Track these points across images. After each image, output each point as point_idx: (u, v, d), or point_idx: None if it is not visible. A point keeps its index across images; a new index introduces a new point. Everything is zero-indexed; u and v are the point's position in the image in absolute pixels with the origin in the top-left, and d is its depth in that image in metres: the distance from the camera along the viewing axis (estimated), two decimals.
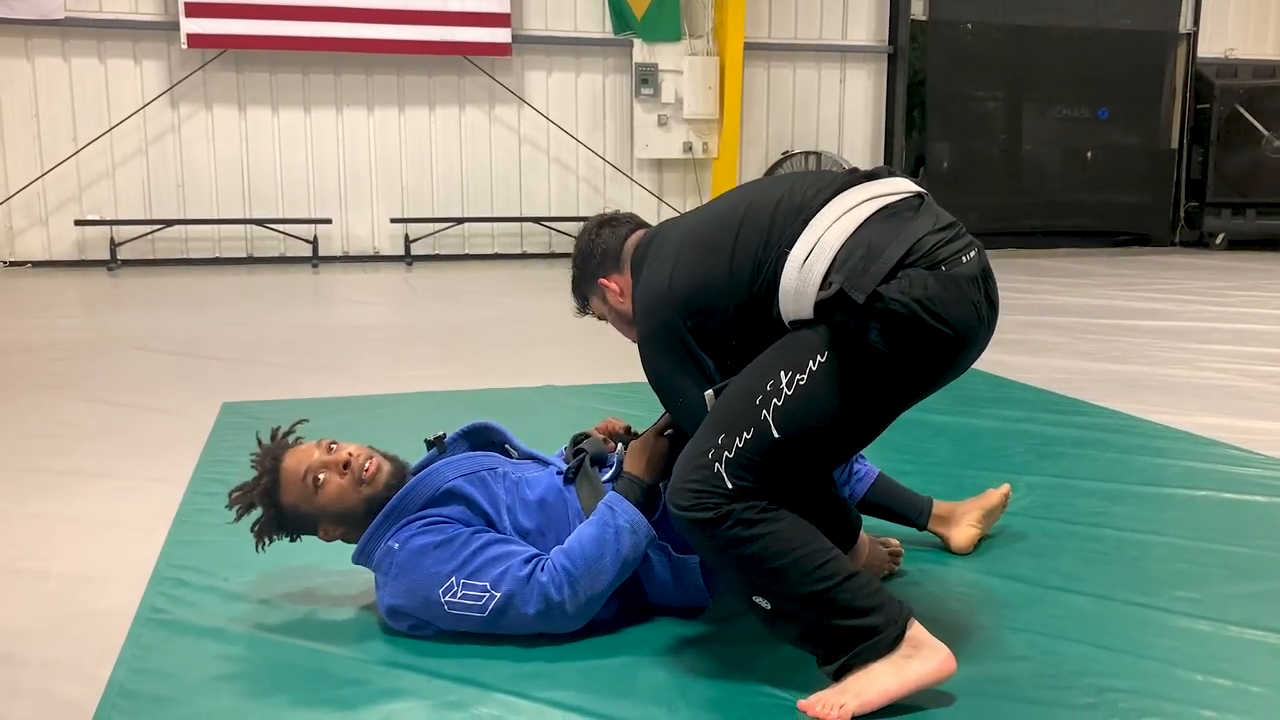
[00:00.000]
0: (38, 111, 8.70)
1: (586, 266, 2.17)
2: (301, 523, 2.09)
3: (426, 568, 1.95)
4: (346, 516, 2.06)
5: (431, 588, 1.94)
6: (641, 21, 9.64)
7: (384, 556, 2.00)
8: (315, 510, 2.06)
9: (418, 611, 1.97)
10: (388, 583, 1.99)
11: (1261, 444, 3.39)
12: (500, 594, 1.92)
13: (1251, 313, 6.45)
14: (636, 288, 2.05)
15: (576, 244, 2.21)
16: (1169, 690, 1.82)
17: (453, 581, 1.93)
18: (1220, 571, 2.35)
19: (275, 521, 2.07)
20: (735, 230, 1.92)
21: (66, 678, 1.90)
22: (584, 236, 2.19)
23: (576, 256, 2.20)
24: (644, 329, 1.99)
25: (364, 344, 5.46)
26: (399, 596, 1.97)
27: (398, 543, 1.99)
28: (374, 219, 9.55)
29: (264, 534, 2.09)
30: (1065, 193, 11.11)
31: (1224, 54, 11.31)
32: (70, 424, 3.71)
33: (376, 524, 2.03)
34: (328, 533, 2.09)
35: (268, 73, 9.12)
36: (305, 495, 2.04)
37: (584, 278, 2.19)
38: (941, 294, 1.75)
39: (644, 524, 1.98)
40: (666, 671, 1.87)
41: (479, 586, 1.93)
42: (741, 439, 1.77)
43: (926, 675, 1.74)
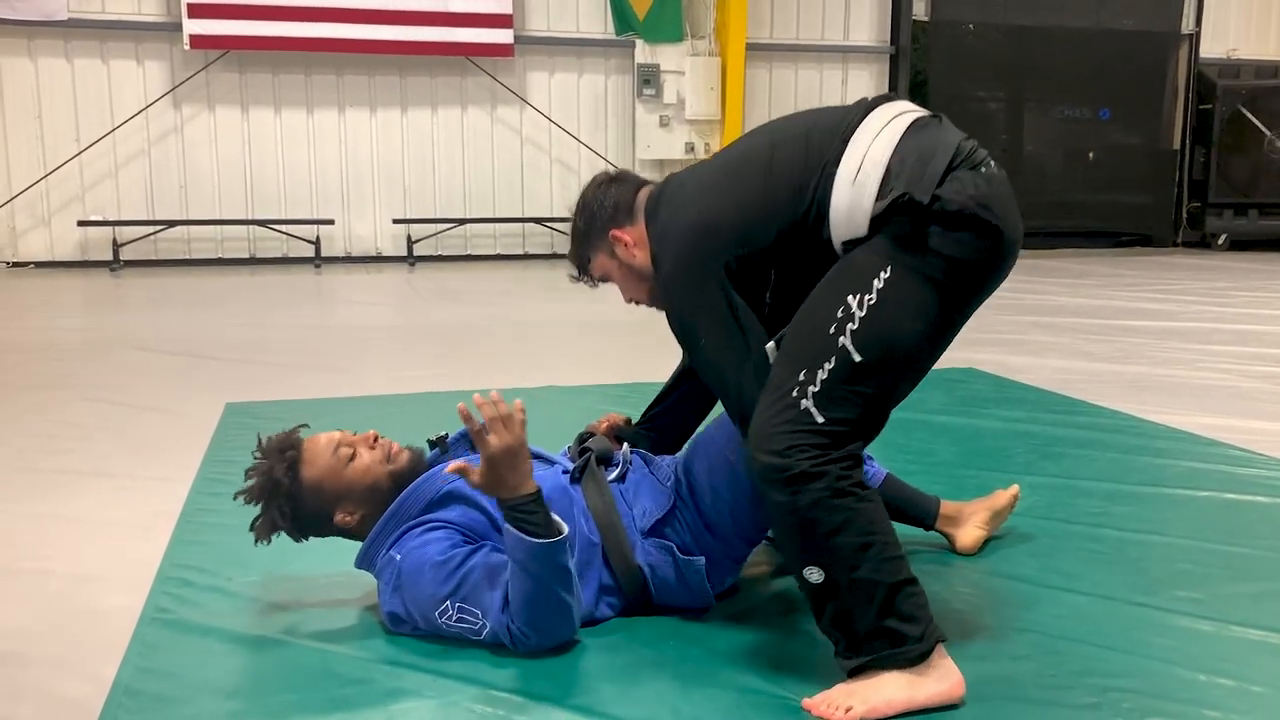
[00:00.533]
0: (41, 112, 8.71)
1: (595, 220, 2.07)
2: (320, 503, 2.03)
3: (424, 587, 1.94)
4: (372, 494, 2.04)
5: (430, 608, 1.93)
6: (643, 22, 9.65)
7: (385, 565, 2.00)
8: (342, 487, 2.03)
9: (419, 623, 1.97)
10: (389, 592, 1.99)
11: (1263, 444, 3.39)
12: (490, 627, 1.91)
13: (1253, 313, 6.45)
14: (655, 234, 1.99)
15: (581, 199, 2.11)
16: (1171, 690, 1.82)
17: (448, 605, 1.92)
18: (1222, 572, 2.35)
19: (288, 508, 2.01)
20: (767, 161, 1.90)
21: (71, 677, 1.90)
22: (590, 191, 2.10)
23: (582, 211, 2.09)
24: (674, 267, 1.92)
25: (366, 344, 5.47)
26: (399, 607, 1.97)
27: (399, 553, 1.97)
28: (376, 220, 9.56)
29: (271, 524, 2.02)
30: (1067, 193, 11.12)
31: (1226, 54, 11.31)
32: (73, 424, 3.72)
33: (378, 530, 2.02)
34: (346, 515, 2.04)
35: (270, 74, 9.13)
36: (334, 469, 2.03)
37: (591, 231, 2.08)
38: (990, 191, 1.79)
39: (535, 543, 1.81)
40: (670, 671, 1.88)
41: (473, 613, 1.92)
42: (824, 370, 1.73)
43: (935, 697, 1.74)
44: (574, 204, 2.12)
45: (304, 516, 2.05)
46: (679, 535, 2.06)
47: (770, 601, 2.20)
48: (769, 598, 2.22)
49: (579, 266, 2.13)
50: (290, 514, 2.03)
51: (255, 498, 2.03)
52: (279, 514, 2.02)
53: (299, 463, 2.03)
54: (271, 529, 2.05)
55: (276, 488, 2.02)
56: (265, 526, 2.04)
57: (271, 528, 2.05)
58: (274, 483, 2.02)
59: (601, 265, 2.10)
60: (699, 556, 2.04)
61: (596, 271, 2.12)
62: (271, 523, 2.04)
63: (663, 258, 1.96)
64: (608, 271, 2.10)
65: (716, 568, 2.08)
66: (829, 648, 1.80)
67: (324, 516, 2.06)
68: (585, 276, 2.14)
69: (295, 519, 2.04)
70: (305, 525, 2.07)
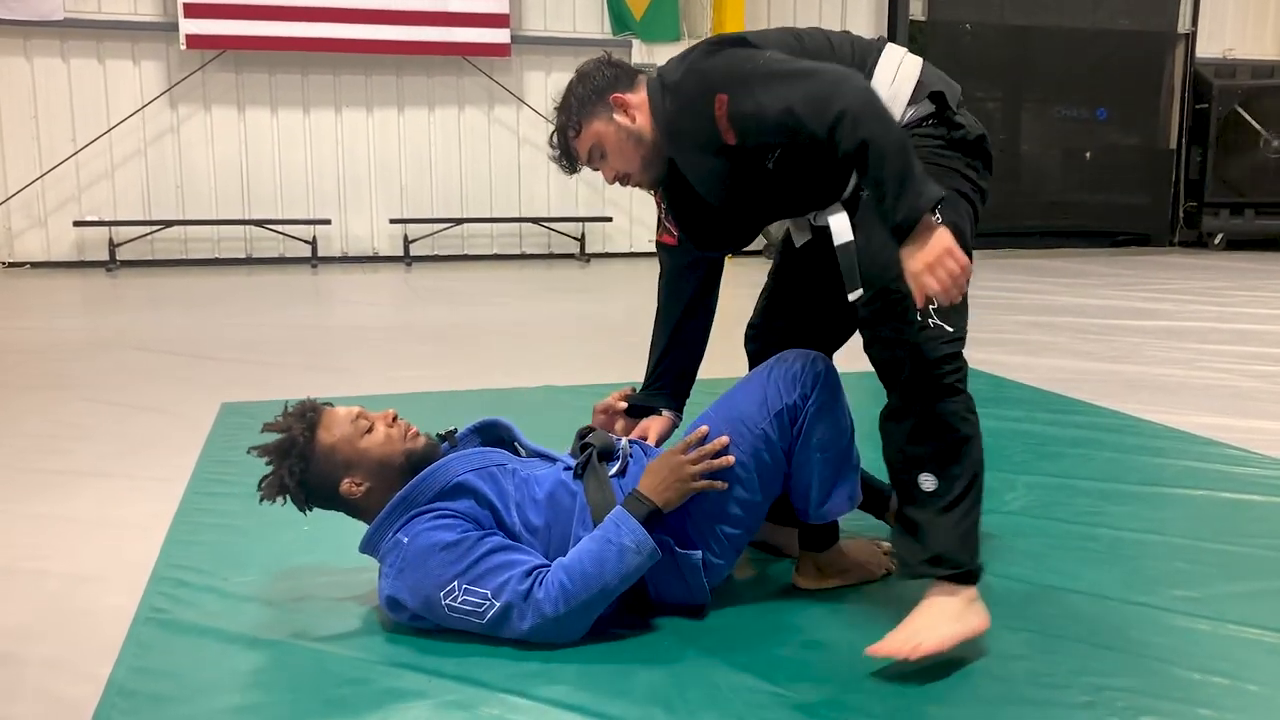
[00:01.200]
0: (36, 112, 8.70)
1: (594, 85, 2.04)
2: (331, 468, 2.04)
3: (431, 568, 1.95)
4: (383, 469, 2.05)
5: (434, 589, 1.94)
6: (640, 22, 9.65)
7: (391, 549, 2.00)
8: (354, 455, 2.04)
9: (418, 609, 1.97)
10: (392, 575, 1.99)
11: (1260, 443, 3.39)
12: (499, 604, 1.92)
13: (1250, 313, 6.46)
14: (674, 83, 1.98)
15: (576, 73, 2.09)
16: (1167, 689, 1.82)
17: (454, 586, 1.93)
18: (1218, 571, 2.36)
19: (298, 468, 2.02)
20: (799, 50, 2.03)
21: (66, 677, 1.90)
22: (587, 65, 2.10)
23: (580, 80, 2.06)
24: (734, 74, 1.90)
25: (363, 344, 5.47)
26: (401, 591, 1.97)
27: (406, 536, 1.98)
28: (373, 219, 9.55)
29: (279, 483, 2.03)
30: (1064, 193, 11.13)
31: (1222, 54, 11.32)
32: (69, 424, 3.71)
33: (386, 513, 2.02)
34: (354, 485, 2.04)
35: (267, 73, 9.13)
36: (350, 437, 2.05)
37: (589, 97, 2.04)
38: (985, 130, 2.06)
39: (649, 543, 1.95)
40: (665, 670, 1.88)
41: (480, 594, 1.93)
42: None
43: (978, 628, 1.90)
44: (559, 91, 2.12)
45: (312, 479, 2.05)
46: (676, 530, 2.05)
47: (766, 601, 2.20)
48: (765, 597, 2.22)
49: (563, 137, 2.09)
50: (299, 474, 2.04)
51: (270, 454, 2.05)
52: (289, 473, 2.03)
53: (317, 425, 2.06)
54: (279, 489, 2.05)
55: (292, 445, 2.03)
56: (273, 484, 2.05)
57: (279, 487, 2.05)
58: (290, 440, 2.04)
59: (595, 132, 2.06)
60: (695, 551, 2.05)
61: (586, 142, 2.07)
62: (280, 481, 2.04)
63: (720, 75, 1.92)
64: (601, 139, 2.06)
65: (712, 563, 2.08)
66: (824, 647, 1.81)
67: (332, 483, 2.06)
68: (566, 156, 2.12)
69: (303, 481, 2.05)
70: (311, 490, 2.07)
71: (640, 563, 1.94)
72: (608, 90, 2.06)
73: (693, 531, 2.07)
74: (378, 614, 2.08)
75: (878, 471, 2.49)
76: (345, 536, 2.49)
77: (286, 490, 2.05)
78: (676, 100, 2.00)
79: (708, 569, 2.07)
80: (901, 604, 2.00)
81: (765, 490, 2.08)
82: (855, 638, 2.01)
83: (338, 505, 2.10)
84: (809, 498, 2.09)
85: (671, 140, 2.05)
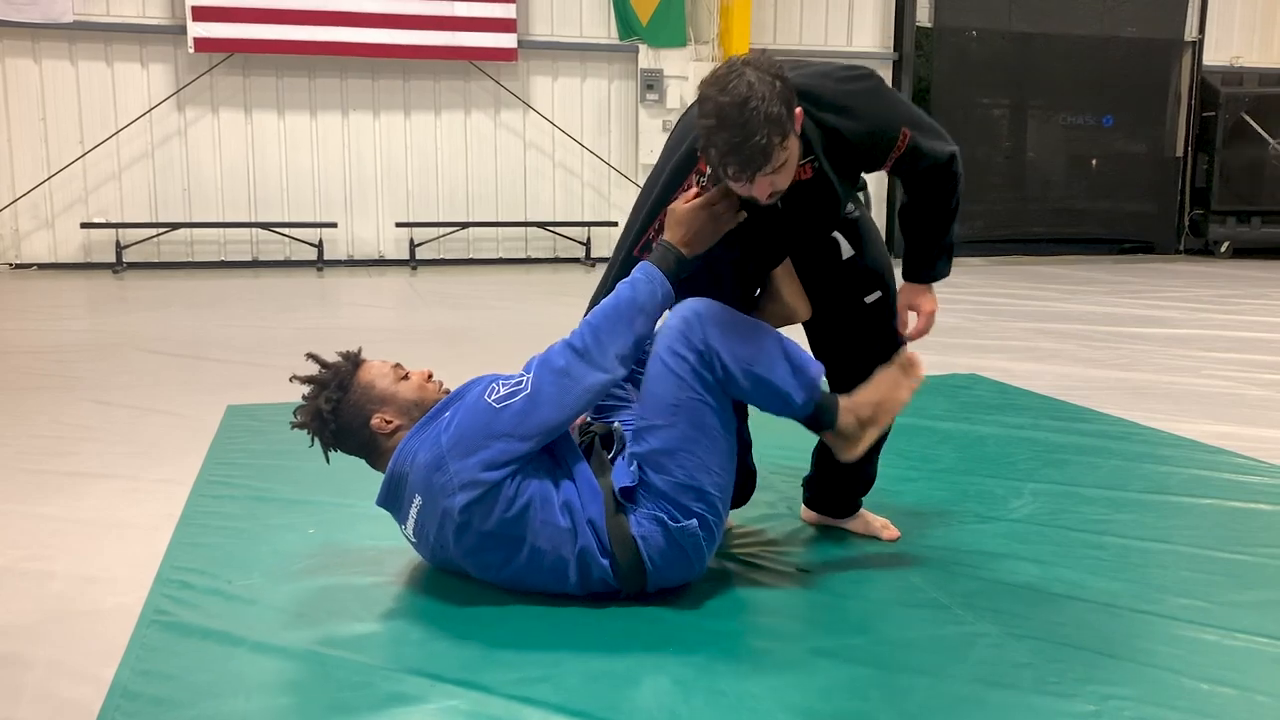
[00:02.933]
0: (45, 114, 8.73)
1: (787, 99, 1.95)
2: (366, 400, 2.17)
3: (469, 399, 2.08)
4: (416, 409, 2.18)
5: (476, 406, 2.04)
6: (647, 27, 9.66)
7: (431, 428, 2.10)
8: (389, 391, 2.19)
9: (463, 438, 2.02)
10: (435, 441, 2.05)
11: (1267, 452, 3.38)
12: (533, 372, 2.05)
13: (1257, 320, 6.44)
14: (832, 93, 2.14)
15: (770, 73, 1.94)
16: (1173, 699, 1.81)
17: (496, 385, 2.07)
18: (1225, 580, 2.35)
19: (336, 395, 2.16)
20: None
21: (70, 679, 1.90)
22: (771, 63, 1.98)
23: (778, 83, 1.94)
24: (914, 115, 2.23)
25: (368, 347, 5.40)
26: (446, 439, 2.03)
27: (439, 430, 2.08)
28: (379, 223, 9.57)
29: (314, 410, 2.16)
30: (1070, 200, 11.12)
31: (1229, 62, 11.31)
32: (75, 425, 3.72)
33: (422, 422, 2.13)
34: (385, 420, 2.16)
35: (274, 77, 9.15)
36: (389, 376, 2.21)
37: (787, 112, 1.94)
38: None
39: (660, 277, 2.08)
40: (669, 676, 1.87)
41: (517, 378, 2.07)
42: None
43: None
44: (732, 97, 1.91)
45: (346, 410, 2.18)
46: (669, 507, 2.06)
47: (771, 608, 2.19)
48: (770, 605, 2.21)
49: (768, 153, 1.93)
50: (335, 403, 2.16)
51: (312, 382, 2.20)
52: (325, 400, 2.16)
53: (359, 365, 2.23)
54: (314, 415, 2.18)
55: (335, 375, 2.19)
56: (308, 410, 2.19)
57: (314, 414, 2.18)
58: (334, 372, 2.20)
59: (793, 147, 1.99)
60: (691, 520, 2.06)
61: (787, 151, 1.97)
62: (316, 409, 2.17)
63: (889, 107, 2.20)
64: (790, 153, 1.99)
65: (709, 527, 2.09)
66: (830, 654, 1.79)
67: (364, 416, 2.17)
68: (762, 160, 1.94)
69: (337, 410, 2.16)
70: (343, 422, 2.18)
71: (653, 290, 2.08)
72: (795, 103, 1.99)
73: (683, 501, 2.07)
74: (383, 618, 2.08)
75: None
76: (350, 541, 2.49)
77: (320, 417, 2.17)
78: (853, 121, 2.14)
79: (706, 535, 2.08)
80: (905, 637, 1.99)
81: (728, 436, 2.12)
82: (860, 644, 2.01)
83: (363, 443, 2.20)
84: (784, 407, 2.13)
85: (830, 157, 2.15)
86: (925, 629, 2.08)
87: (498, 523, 2.04)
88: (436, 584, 2.22)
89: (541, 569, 2.09)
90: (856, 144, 2.16)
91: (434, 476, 2.04)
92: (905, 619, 2.13)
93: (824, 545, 2.54)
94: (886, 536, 2.56)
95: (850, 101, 2.15)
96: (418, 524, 2.12)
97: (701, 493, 2.07)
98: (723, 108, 1.92)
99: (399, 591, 2.23)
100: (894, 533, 2.57)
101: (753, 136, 1.91)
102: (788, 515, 2.73)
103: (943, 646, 2.00)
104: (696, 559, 2.10)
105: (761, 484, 2.64)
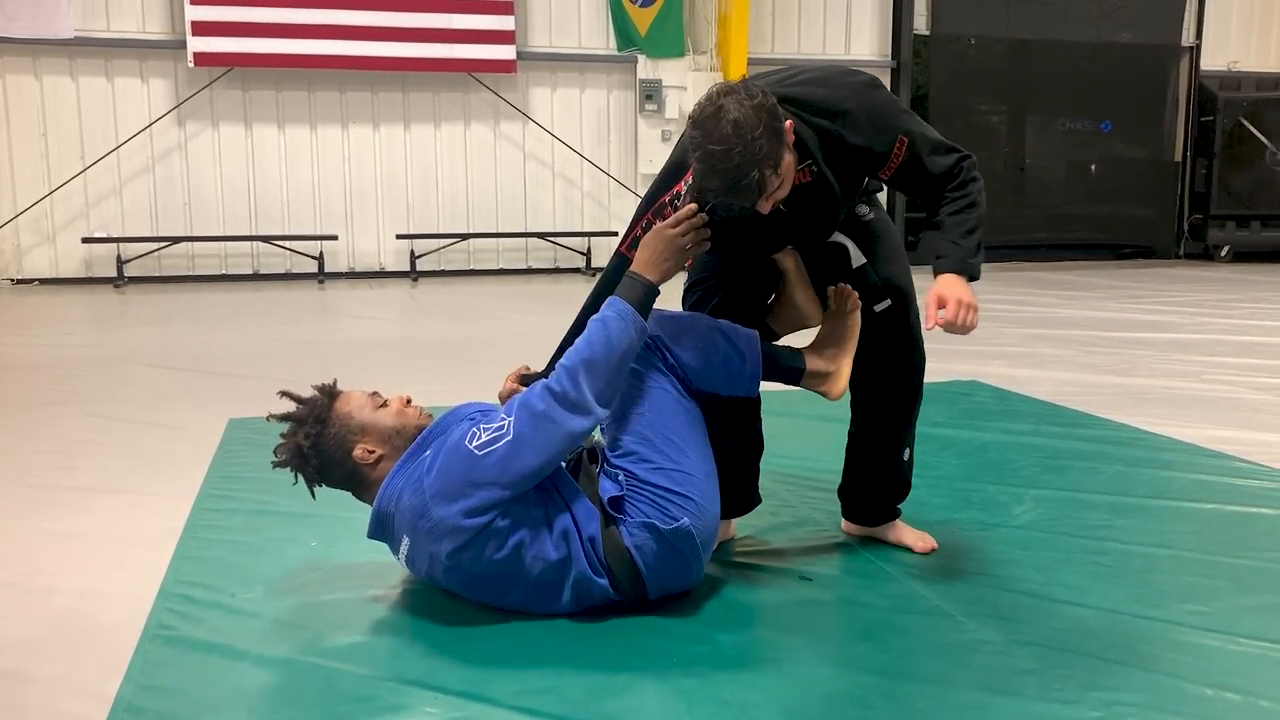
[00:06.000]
0: (46, 130, 8.76)
1: (778, 117, 2.00)
2: (346, 431, 2.13)
3: (452, 439, 2.05)
4: (397, 438, 2.15)
5: (457, 451, 2.01)
6: (645, 38, 9.69)
7: (414, 470, 2.07)
8: (369, 421, 2.15)
9: (447, 484, 1.99)
10: (419, 484, 2.03)
11: (1269, 456, 3.38)
12: (514, 415, 2.02)
13: (1257, 325, 6.44)
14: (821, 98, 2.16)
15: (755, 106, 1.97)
16: (1177, 704, 1.81)
17: (476, 430, 2.03)
18: (1228, 584, 2.35)
19: (315, 430, 2.12)
20: None
21: (74, 693, 1.90)
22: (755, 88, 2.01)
23: (765, 113, 1.97)
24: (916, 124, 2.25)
25: (370, 360, 5.47)
26: (430, 482, 2.01)
27: (421, 472, 2.06)
28: (380, 235, 9.58)
29: (295, 448, 2.12)
30: (1069, 205, 11.13)
31: (1227, 67, 11.33)
32: (77, 440, 3.72)
33: (403, 460, 2.10)
34: (367, 451, 2.13)
35: (274, 90, 9.17)
36: (367, 405, 2.18)
37: (781, 131, 2.00)
38: None
39: (631, 312, 2.08)
40: (672, 686, 1.87)
41: (499, 421, 2.03)
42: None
43: None
44: (719, 142, 1.96)
45: (326, 444, 2.14)
46: (661, 515, 2.07)
47: (775, 621, 2.19)
48: (774, 616, 2.21)
49: (762, 187, 2.00)
50: (315, 438, 2.12)
51: (289, 419, 2.16)
52: (304, 436, 2.12)
53: (335, 398, 2.19)
54: (294, 453, 2.13)
55: (311, 411, 2.14)
56: (289, 449, 2.14)
57: (294, 451, 2.13)
58: (310, 406, 2.15)
59: (788, 164, 2.05)
60: (682, 520, 2.06)
61: (781, 174, 2.03)
62: (296, 445, 2.13)
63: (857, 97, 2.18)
64: (787, 168, 2.06)
65: (700, 523, 2.10)
66: (834, 664, 1.79)
67: (345, 448, 2.13)
68: (756, 192, 2.01)
69: (317, 445, 2.13)
70: (325, 456, 2.14)
71: (625, 328, 2.06)
72: (784, 119, 2.04)
73: (671, 499, 2.08)
74: (386, 630, 2.08)
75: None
76: (352, 554, 2.49)
77: (301, 453, 2.13)
78: (848, 122, 2.15)
79: (698, 525, 2.09)
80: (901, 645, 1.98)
81: (695, 418, 2.20)
82: (863, 652, 2.01)
83: (347, 475, 2.17)
84: (738, 369, 2.22)
85: (828, 160, 2.17)
86: (928, 636, 2.08)
87: (487, 564, 2.04)
88: (438, 597, 2.22)
89: (539, 598, 2.09)
90: (853, 145, 2.17)
91: (419, 522, 2.03)
92: (908, 627, 2.13)
93: (826, 554, 2.54)
94: (920, 548, 2.52)
95: (844, 105, 2.17)
96: (409, 559, 2.13)
97: (686, 476, 2.10)
98: (712, 156, 1.98)
99: (401, 604, 2.23)
100: (929, 545, 2.53)
101: (745, 176, 1.98)
102: (791, 523, 2.73)
103: (946, 654, 2.00)
104: (694, 559, 2.10)
105: (764, 493, 2.65)
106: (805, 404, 3.99)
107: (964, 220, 2.26)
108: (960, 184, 2.26)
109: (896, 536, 2.57)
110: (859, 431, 2.57)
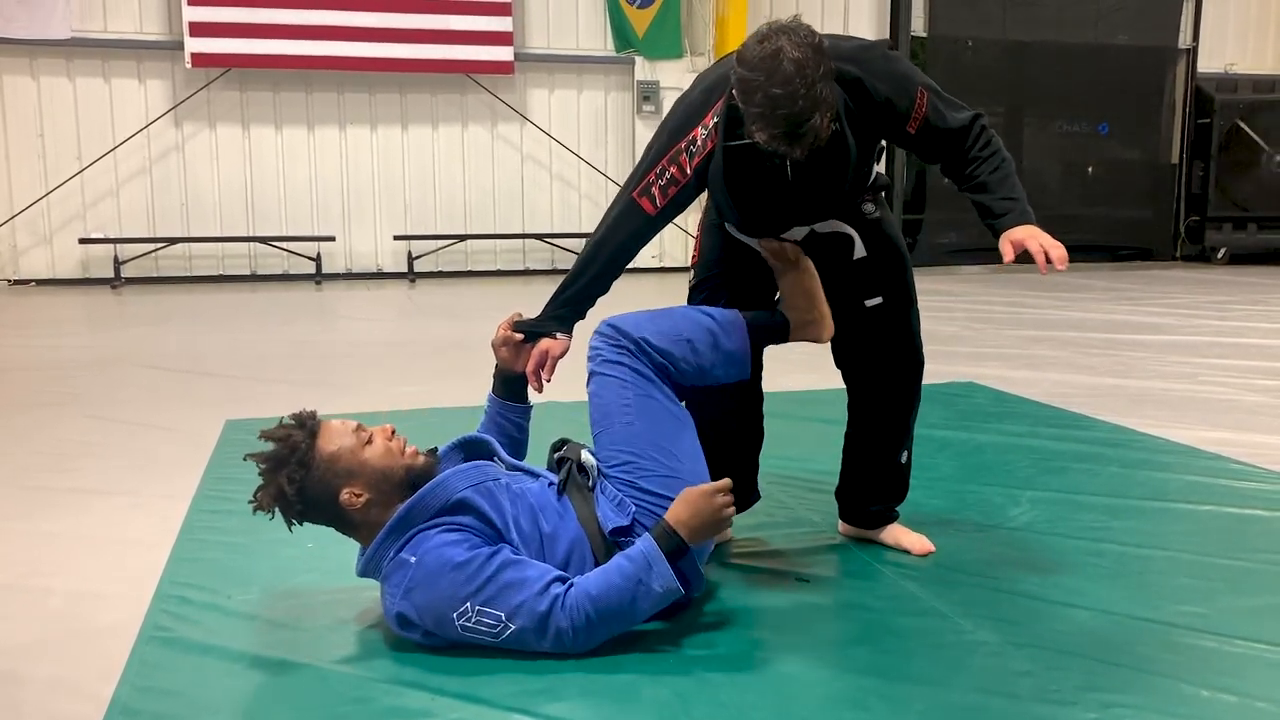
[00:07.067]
0: (43, 131, 8.75)
1: (827, 61, 1.97)
2: (332, 475, 1.99)
3: (442, 589, 1.92)
4: (384, 481, 2.02)
5: (447, 609, 1.92)
6: (643, 39, 9.70)
7: (396, 568, 1.97)
8: (356, 464, 2.00)
9: (431, 627, 1.96)
10: (399, 594, 1.96)
11: (1265, 458, 3.39)
12: (515, 627, 1.91)
13: (1254, 327, 6.45)
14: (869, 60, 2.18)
15: (809, 44, 1.94)
16: (1173, 706, 1.81)
17: (468, 607, 1.91)
18: (1224, 586, 2.35)
19: (298, 475, 1.96)
20: None
21: (69, 695, 1.90)
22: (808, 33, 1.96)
23: (815, 54, 1.92)
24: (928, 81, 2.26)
25: (367, 361, 5.47)
26: (410, 610, 1.95)
27: (413, 555, 1.95)
28: (377, 236, 9.58)
29: (277, 492, 1.97)
30: (1066, 207, 11.13)
31: (1224, 69, 11.35)
32: (74, 441, 3.72)
33: (386, 532, 1.99)
34: (353, 495, 1.99)
35: (271, 91, 9.17)
36: (353, 446, 2.01)
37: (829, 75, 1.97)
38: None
39: (676, 588, 1.97)
40: (669, 688, 1.87)
41: (494, 615, 1.91)
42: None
43: None
44: (796, 61, 1.91)
45: (311, 488, 1.99)
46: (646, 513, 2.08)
47: (773, 620, 2.19)
48: (772, 617, 2.21)
49: (820, 134, 1.96)
50: (299, 483, 1.98)
51: (269, 461, 1.99)
52: (287, 480, 1.97)
53: (317, 434, 2.02)
54: (276, 497, 1.98)
55: (293, 452, 1.98)
56: (270, 492, 1.99)
57: (276, 496, 1.98)
58: (292, 447, 1.98)
59: (831, 114, 2.00)
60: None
61: (824, 126, 1.97)
62: (278, 489, 1.97)
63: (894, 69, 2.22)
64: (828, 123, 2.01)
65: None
66: (831, 665, 1.79)
67: (331, 492, 2.00)
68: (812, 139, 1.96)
69: (302, 490, 1.98)
70: (309, 500, 2.00)
71: (664, 599, 1.98)
72: (832, 71, 2.00)
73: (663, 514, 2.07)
74: (382, 631, 2.08)
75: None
76: (348, 554, 2.48)
77: (284, 498, 1.98)
78: (872, 77, 2.14)
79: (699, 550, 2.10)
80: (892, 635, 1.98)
81: (685, 423, 2.22)
82: (860, 654, 2.01)
83: (333, 518, 2.05)
84: (729, 348, 2.25)
85: (850, 117, 2.14)
86: (925, 638, 2.08)
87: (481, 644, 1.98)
88: None
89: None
90: (877, 101, 2.15)
91: (402, 625, 1.98)
92: (905, 628, 2.13)
93: (823, 555, 2.55)
94: (917, 550, 2.51)
95: (871, 55, 2.19)
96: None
97: (680, 482, 2.10)
98: (775, 100, 1.90)
99: None
100: (926, 547, 2.52)
101: (806, 122, 1.92)
102: (787, 525, 2.73)
103: (943, 656, 2.00)
104: (694, 574, 2.10)
105: (761, 494, 2.65)
106: (802, 405, 4.01)
107: (1004, 176, 2.27)
108: (983, 141, 2.26)
109: (894, 538, 2.57)
110: (856, 433, 2.57)
